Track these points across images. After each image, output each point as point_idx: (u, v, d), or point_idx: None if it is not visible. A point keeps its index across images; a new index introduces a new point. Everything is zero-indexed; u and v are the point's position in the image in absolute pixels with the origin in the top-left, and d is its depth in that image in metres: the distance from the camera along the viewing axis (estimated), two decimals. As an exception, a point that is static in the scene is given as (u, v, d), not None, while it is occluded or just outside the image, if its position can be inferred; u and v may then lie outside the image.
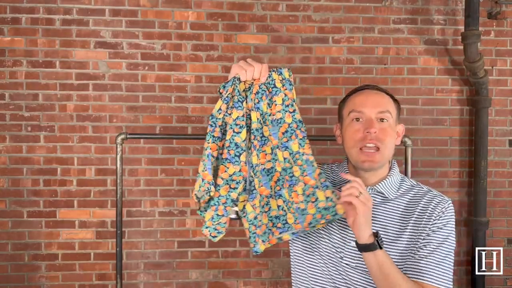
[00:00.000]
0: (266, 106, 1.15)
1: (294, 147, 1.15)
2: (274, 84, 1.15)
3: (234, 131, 1.11)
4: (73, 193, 2.50)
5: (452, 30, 2.66)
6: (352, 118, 1.14)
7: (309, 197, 1.13)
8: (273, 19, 2.58)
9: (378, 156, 1.10)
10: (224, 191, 1.12)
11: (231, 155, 1.11)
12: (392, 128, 1.15)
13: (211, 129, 1.14)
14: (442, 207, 1.11)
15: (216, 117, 1.13)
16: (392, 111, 1.16)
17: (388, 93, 1.19)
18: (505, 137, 2.69)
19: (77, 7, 2.48)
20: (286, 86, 1.16)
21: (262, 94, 1.14)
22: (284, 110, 1.15)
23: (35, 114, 2.48)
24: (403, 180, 1.20)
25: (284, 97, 1.15)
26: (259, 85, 1.14)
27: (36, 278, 2.49)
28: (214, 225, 1.13)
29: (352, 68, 2.62)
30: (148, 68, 2.53)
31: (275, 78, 1.15)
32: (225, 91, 1.12)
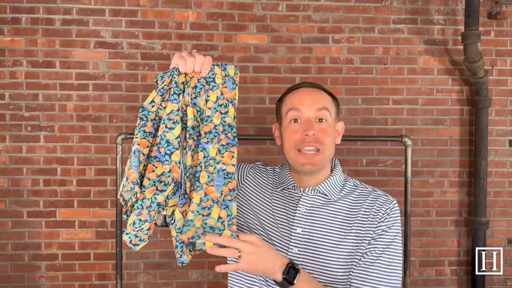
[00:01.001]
0: (203, 102, 1.04)
1: (212, 151, 1.02)
2: (213, 79, 1.05)
3: (166, 127, 1.00)
4: (73, 193, 2.50)
5: (452, 30, 2.66)
6: (290, 118, 1.09)
7: (203, 210, 0.99)
8: (273, 19, 2.58)
9: (318, 158, 1.06)
10: (150, 193, 0.99)
11: (161, 153, 1.00)
12: (332, 128, 1.10)
13: (142, 123, 1.03)
14: (387, 208, 1.08)
15: (148, 109, 1.03)
16: (330, 109, 1.11)
17: (326, 91, 1.15)
18: (505, 137, 2.69)
19: (77, 7, 2.48)
20: (228, 84, 1.06)
21: (201, 89, 1.04)
22: (215, 108, 1.03)
23: (35, 114, 2.48)
24: (346, 180, 1.17)
25: (219, 95, 1.04)
26: (198, 79, 1.05)
27: (36, 278, 2.49)
28: (136, 232, 1.01)
29: (352, 68, 2.62)
30: (148, 68, 2.53)
31: (217, 73, 1.06)
32: (162, 82, 1.03)
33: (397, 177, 2.58)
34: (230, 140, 1.03)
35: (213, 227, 0.98)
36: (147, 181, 0.99)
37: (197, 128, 1.04)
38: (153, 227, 1.03)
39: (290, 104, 1.11)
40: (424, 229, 2.65)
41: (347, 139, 2.42)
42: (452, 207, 2.67)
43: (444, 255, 2.68)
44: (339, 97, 1.23)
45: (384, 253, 1.05)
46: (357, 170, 2.61)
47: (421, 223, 2.64)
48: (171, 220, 1.04)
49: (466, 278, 2.68)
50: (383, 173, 2.62)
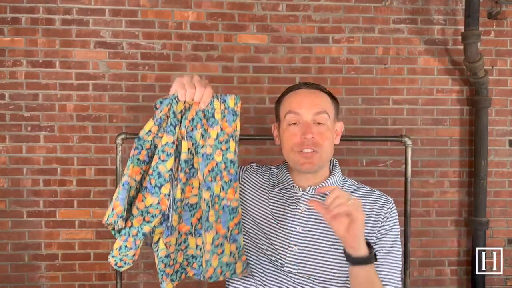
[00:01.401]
0: (199, 135, 1.03)
1: (216, 188, 1.02)
2: (213, 114, 1.03)
3: (160, 158, 0.99)
4: (73, 193, 2.50)
5: (452, 30, 2.66)
6: (289, 121, 1.10)
7: (217, 248, 1.02)
8: (273, 19, 2.58)
9: (316, 158, 1.08)
10: (137, 222, 1.01)
11: (152, 184, 0.99)
12: (330, 130, 1.11)
13: (136, 152, 1.01)
14: (388, 208, 1.11)
15: (144, 139, 1.01)
16: (329, 111, 1.11)
17: (325, 91, 1.15)
18: (505, 137, 2.69)
19: (77, 7, 2.48)
20: (228, 117, 1.03)
21: (198, 122, 1.02)
22: (216, 146, 1.03)
23: (35, 114, 2.48)
24: (345, 180, 1.18)
25: (219, 131, 1.02)
26: (197, 111, 1.02)
27: (36, 278, 2.49)
28: (121, 256, 1.05)
29: (352, 68, 2.62)
30: (148, 68, 2.53)
31: (216, 107, 1.03)
32: (160, 111, 1.01)
33: (397, 177, 2.58)
34: (233, 176, 1.04)
35: (228, 263, 1.03)
36: (136, 210, 1.01)
37: (190, 161, 1.03)
38: (138, 253, 1.06)
39: (288, 107, 1.11)
40: (424, 229, 2.65)
41: (347, 139, 2.43)
42: (452, 207, 2.67)
43: (444, 255, 2.68)
44: (339, 97, 1.23)
45: (391, 252, 1.07)
46: (357, 170, 2.61)
47: (421, 223, 2.64)
48: (155, 247, 1.05)
49: (466, 278, 2.68)
50: (383, 173, 2.62)
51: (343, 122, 1.23)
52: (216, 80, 2.55)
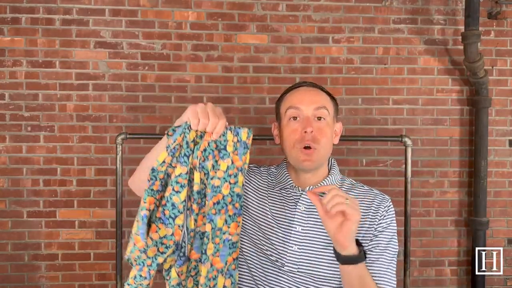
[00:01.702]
0: (211, 166, 1.01)
1: (219, 222, 1.01)
2: (225, 146, 1.02)
3: (173, 189, 0.98)
4: (73, 193, 2.50)
5: (452, 30, 2.66)
6: (290, 116, 1.11)
7: (210, 281, 1.01)
8: (273, 19, 2.58)
9: (315, 155, 1.08)
10: (151, 252, 1.00)
11: (166, 215, 0.99)
12: (330, 127, 1.12)
13: (150, 182, 1.00)
14: (385, 206, 1.11)
15: (158, 170, 1.00)
16: (329, 108, 1.12)
17: (325, 90, 1.17)
18: (505, 137, 2.69)
19: (77, 7, 2.48)
20: (239, 150, 1.02)
21: (210, 153, 1.01)
22: (224, 179, 1.01)
23: (35, 114, 2.48)
24: (343, 179, 1.19)
25: (229, 164, 1.01)
26: (209, 142, 1.01)
27: (36, 278, 2.49)
28: (136, 285, 1.04)
29: (352, 68, 2.62)
30: (148, 68, 2.53)
31: (228, 140, 1.02)
32: (173, 140, 0.99)
33: (397, 177, 2.58)
34: (237, 210, 1.03)
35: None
36: (150, 241, 1.00)
37: (202, 192, 1.03)
38: (152, 283, 1.06)
39: (289, 103, 1.13)
40: (424, 229, 2.65)
41: (347, 139, 2.43)
42: (452, 207, 2.67)
43: (444, 255, 2.68)
44: (339, 97, 1.23)
45: (387, 249, 1.07)
46: (357, 170, 2.61)
47: (421, 223, 2.64)
48: (166, 275, 1.06)
49: (466, 278, 2.68)
50: (383, 173, 2.62)
51: (343, 122, 1.24)
52: (216, 80, 2.55)
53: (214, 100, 2.55)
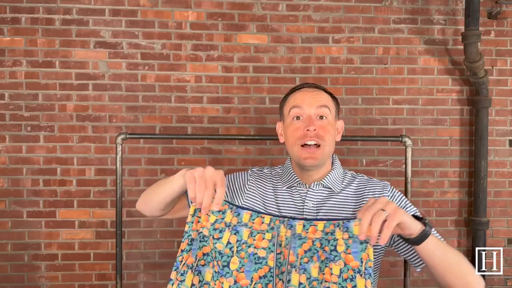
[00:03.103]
0: (317, 270, 0.91)
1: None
2: (335, 247, 0.90)
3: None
4: (73, 193, 2.50)
5: (452, 30, 2.66)
6: (293, 116, 1.15)
7: None
8: (273, 19, 2.57)
9: (319, 152, 1.11)
10: None
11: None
12: (332, 125, 1.15)
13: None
14: (388, 191, 1.15)
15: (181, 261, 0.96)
16: (330, 107, 1.16)
17: (326, 91, 1.20)
18: (505, 137, 2.69)
19: (77, 7, 2.48)
20: (352, 248, 0.89)
21: (314, 254, 0.91)
22: (340, 284, 0.89)
23: (35, 114, 2.48)
24: (345, 172, 1.22)
25: (343, 267, 0.89)
26: (313, 241, 0.92)
27: (36, 278, 2.49)
28: None
29: (352, 68, 2.61)
30: (148, 68, 2.52)
31: (338, 238, 0.90)
32: (187, 236, 0.97)
33: (397, 177, 2.58)
34: None
35: None
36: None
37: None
38: None
39: (292, 103, 1.17)
40: (424, 229, 2.65)
41: (347, 139, 2.43)
42: (452, 207, 2.67)
43: (444, 255, 2.67)
44: (339, 97, 1.24)
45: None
46: (357, 170, 2.58)
47: (421, 223, 2.64)
48: None
49: (466, 278, 2.67)
50: (383, 173, 2.62)
51: (343, 120, 1.27)
52: (216, 80, 2.55)
53: (214, 100, 2.55)
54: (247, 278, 0.93)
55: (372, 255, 0.89)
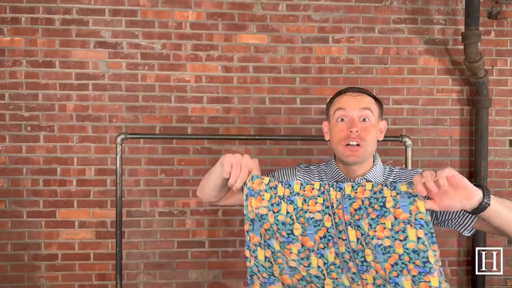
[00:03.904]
0: (367, 226, 0.99)
1: (406, 284, 0.94)
2: (384, 203, 0.99)
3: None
4: (73, 193, 2.50)
5: (452, 30, 2.66)
6: (337, 117, 1.23)
7: None
8: (273, 19, 2.57)
9: (360, 151, 1.20)
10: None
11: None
12: (374, 126, 1.24)
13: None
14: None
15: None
16: (373, 109, 1.24)
17: (370, 94, 1.28)
18: (505, 137, 2.69)
19: (77, 7, 2.48)
20: (401, 203, 0.97)
21: (364, 212, 1.00)
22: (393, 237, 0.96)
23: (35, 114, 2.48)
24: (385, 167, 1.32)
25: (393, 220, 0.97)
26: (362, 200, 1.01)
27: (36, 278, 2.49)
28: None
29: (352, 68, 2.61)
30: (148, 68, 2.52)
31: (386, 196, 0.99)
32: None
33: (397, 177, 2.58)
34: (420, 268, 0.95)
35: None
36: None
37: (362, 253, 1.00)
38: None
39: (337, 105, 1.25)
40: (424, 229, 2.65)
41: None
42: (452, 207, 2.67)
43: (444, 255, 2.68)
44: (339, 97, 1.25)
45: None
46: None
47: (421, 223, 2.64)
48: None
49: (466, 278, 2.68)
50: (383, 173, 2.61)
51: (385, 121, 1.34)
52: (216, 80, 2.55)
53: (214, 100, 2.55)
54: (311, 240, 1.03)
55: (423, 208, 0.96)
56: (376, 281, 0.99)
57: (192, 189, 2.53)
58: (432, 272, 0.93)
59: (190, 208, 2.53)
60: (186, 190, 2.54)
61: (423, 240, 0.94)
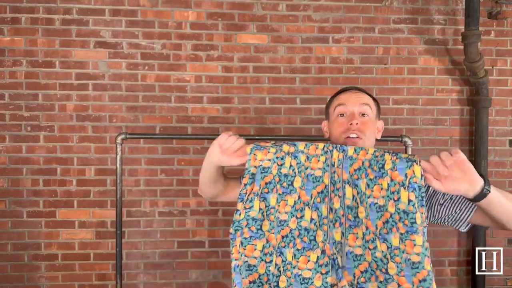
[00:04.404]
0: (365, 185, 1.05)
1: (394, 241, 1.01)
2: (383, 165, 1.04)
3: (245, 208, 1.08)
4: (73, 193, 2.50)
5: (452, 30, 2.66)
6: (338, 113, 1.26)
7: None
8: (273, 19, 2.57)
9: (360, 143, 1.21)
10: (262, 268, 1.08)
11: (253, 231, 1.08)
12: (372, 122, 1.27)
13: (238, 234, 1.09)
14: None
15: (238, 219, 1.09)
16: (372, 106, 1.28)
17: (368, 93, 1.32)
18: (505, 137, 2.69)
19: (77, 7, 2.48)
20: (399, 165, 1.03)
21: (363, 172, 1.06)
22: (388, 197, 1.02)
23: (35, 114, 2.48)
24: None
25: (390, 182, 1.03)
26: (363, 161, 1.06)
27: (36, 278, 2.49)
28: None
29: (352, 68, 2.61)
30: (148, 68, 2.52)
31: (386, 159, 1.05)
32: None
33: (397, 177, 2.58)
34: (408, 228, 1.00)
35: None
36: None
37: (355, 210, 1.05)
38: None
39: (337, 101, 1.29)
40: (424, 229, 2.65)
41: (347, 139, 2.43)
42: (452, 207, 2.67)
43: (444, 255, 2.68)
44: (339, 97, 1.26)
45: None
46: (357, 170, 2.60)
47: (421, 223, 2.64)
48: None
49: (466, 278, 2.68)
50: (383, 173, 2.61)
51: (383, 121, 1.38)
52: (216, 80, 2.55)
53: (214, 100, 2.55)
54: (308, 195, 1.08)
55: (419, 173, 1.02)
56: (366, 236, 1.04)
57: (192, 189, 2.53)
58: (417, 232, 0.99)
59: (190, 208, 2.53)
60: (186, 190, 2.54)
61: (414, 202, 1.00)
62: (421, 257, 0.99)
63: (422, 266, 0.99)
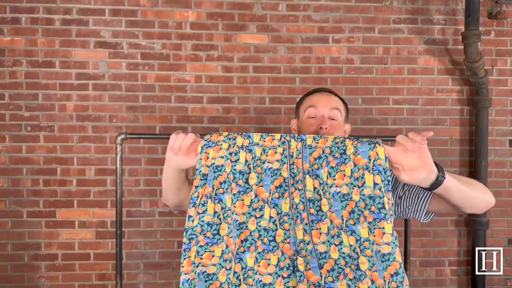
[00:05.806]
0: (326, 174, 0.98)
1: (363, 232, 0.94)
2: (344, 151, 0.98)
3: (198, 213, 1.03)
4: (73, 193, 2.50)
5: (452, 30, 2.66)
6: (308, 114, 1.28)
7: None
8: (273, 19, 2.57)
9: None
10: (223, 276, 1.00)
11: (209, 237, 1.02)
12: (341, 126, 1.30)
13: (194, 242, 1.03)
14: None
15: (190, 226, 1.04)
16: (341, 110, 1.30)
17: (339, 96, 1.35)
18: (505, 137, 2.69)
19: (77, 7, 2.48)
20: (361, 149, 0.97)
21: (323, 160, 0.99)
22: (352, 183, 0.96)
23: (35, 114, 2.48)
24: None
25: (353, 167, 0.97)
26: (323, 149, 0.99)
27: (36, 278, 2.49)
28: None
29: (352, 68, 2.61)
30: (148, 68, 2.52)
31: (347, 145, 0.99)
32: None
33: (397, 177, 2.58)
34: (376, 215, 0.94)
35: None
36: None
37: (317, 203, 0.99)
38: None
39: (309, 103, 1.31)
40: (424, 229, 2.65)
41: (347, 139, 2.43)
42: (452, 207, 2.67)
43: (444, 255, 2.68)
44: (339, 97, 1.26)
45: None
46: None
47: (421, 223, 2.64)
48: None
49: (466, 278, 2.68)
50: (383, 173, 2.61)
51: (350, 124, 1.38)
52: (216, 80, 2.55)
53: (214, 100, 2.55)
54: (266, 191, 1.00)
55: (383, 154, 0.96)
56: (330, 231, 0.97)
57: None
58: (386, 218, 0.93)
59: (190, 208, 2.53)
60: (186, 190, 2.54)
61: (380, 186, 0.95)
62: (391, 247, 0.92)
63: (393, 257, 0.92)
